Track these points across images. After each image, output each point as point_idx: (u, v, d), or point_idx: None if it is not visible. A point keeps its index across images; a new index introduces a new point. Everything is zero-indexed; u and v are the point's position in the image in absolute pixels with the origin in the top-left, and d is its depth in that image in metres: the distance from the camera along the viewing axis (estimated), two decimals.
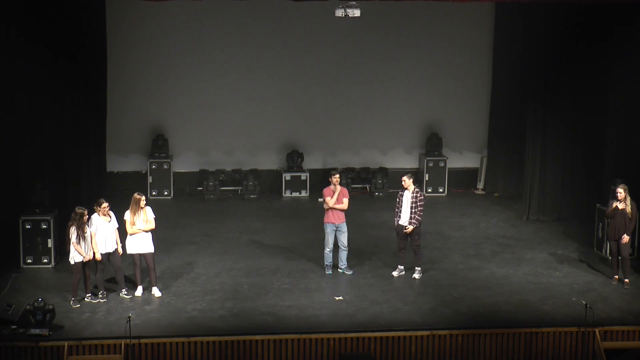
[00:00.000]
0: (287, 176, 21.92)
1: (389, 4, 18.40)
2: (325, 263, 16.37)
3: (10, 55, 16.68)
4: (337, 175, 16.42)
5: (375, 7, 17.87)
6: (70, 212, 14.95)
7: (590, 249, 17.77)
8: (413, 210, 15.97)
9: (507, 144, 21.75)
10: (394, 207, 20.86)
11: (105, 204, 14.91)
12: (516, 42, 20.88)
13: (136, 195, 15.19)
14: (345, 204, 16.35)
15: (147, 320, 14.12)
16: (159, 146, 21.60)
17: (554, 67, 19.42)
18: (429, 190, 22.16)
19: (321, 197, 16.70)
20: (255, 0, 18.67)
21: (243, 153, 22.35)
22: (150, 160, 21.47)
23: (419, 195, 16.04)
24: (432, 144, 22.43)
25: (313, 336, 13.67)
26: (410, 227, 15.96)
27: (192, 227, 19.02)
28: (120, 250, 15.10)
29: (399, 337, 13.77)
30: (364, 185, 22.46)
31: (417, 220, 15.97)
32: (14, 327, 13.68)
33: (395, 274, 16.30)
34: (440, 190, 22.26)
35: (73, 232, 14.58)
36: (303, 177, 21.92)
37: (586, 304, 13.81)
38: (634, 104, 17.90)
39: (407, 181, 16.12)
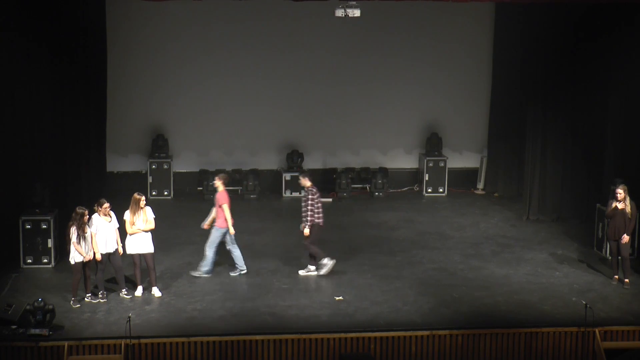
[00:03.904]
0: (287, 176, 21.92)
1: (389, 4, 18.40)
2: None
3: (10, 55, 16.68)
4: (216, 179, 16.32)
5: (375, 7, 17.85)
6: (70, 212, 14.96)
7: (590, 249, 17.77)
8: (303, 210, 16.00)
9: (507, 144, 21.74)
10: (394, 207, 21.03)
11: (106, 204, 14.92)
12: (516, 42, 20.87)
13: (136, 195, 15.20)
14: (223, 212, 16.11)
15: (147, 320, 14.12)
16: (159, 146, 21.60)
17: (554, 67, 19.42)
18: (429, 190, 22.17)
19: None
20: (255, 0, 18.68)
21: (243, 153, 22.35)
22: (150, 160, 21.47)
23: (307, 194, 16.06)
24: (432, 144, 22.42)
25: (313, 336, 13.68)
26: (306, 231, 15.97)
27: (192, 227, 18.98)
28: (120, 251, 15.10)
29: (399, 337, 13.77)
30: (364, 185, 22.45)
31: (307, 220, 15.97)
32: (14, 327, 13.69)
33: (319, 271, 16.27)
34: (440, 190, 22.25)
35: (73, 232, 14.59)
36: None
37: (586, 304, 13.82)
38: (634, 103, 17.90)
39: (301, 180, 16.23)
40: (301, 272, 16.26)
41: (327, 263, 16.18)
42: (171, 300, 15.01)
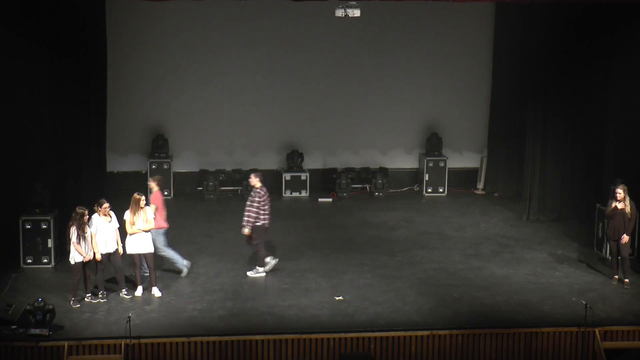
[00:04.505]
0: (287, 176, 21.92)
1: (389, 4, 18.41)
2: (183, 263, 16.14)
3: (10, 55, 16.68)
4: (150, 180, 16.22)
5: (375, 7, 17.87)
6: (70, 212, 14.96)
7: (590, 249, 17.77)
8: (246, 209, 15.99)
9: (507, 144, 21.74)
10: (394, 207, 21.04)
11: (106, 204, 14.92)
12: (516, 41, 20.88)
13: (136, 195, 15.21)
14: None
15: (147, 320, 14.12)
16: (159, 146, 21.60)
17: (554, 67, 19.42)
18: (429, 190, 22.17)
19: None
20: (255, 0, 18.68)
21: (243, 153, 22.35)
22: (150, 160, 21.47)
23: (254, 195, 16.03)
24: (432, 144, 22.43)
25: (313, 336, 13.68)
26: (246, 230, 15.94)
27: (192, 227, 19.02)
28: (120, 251, 15.11)
29: (399, 337, 13.78)
30: (364, 185, 22.46)
31: (246, 220, 15.95)
32: (14, 327, 13.69)
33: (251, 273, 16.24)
34: (440, 190, 22.25)
35: (73, 232, 14.59)
36: (303, 177, 21.93)
37: (586, 304, 13.82)
38: (634, 103, 17.90)
39: (252, 180, 16.22)
40: (249, 273, 16.17)
41: (271, 262, 16.19)
42: (171, 300, 15.02)
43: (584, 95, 19.27)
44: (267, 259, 16.25)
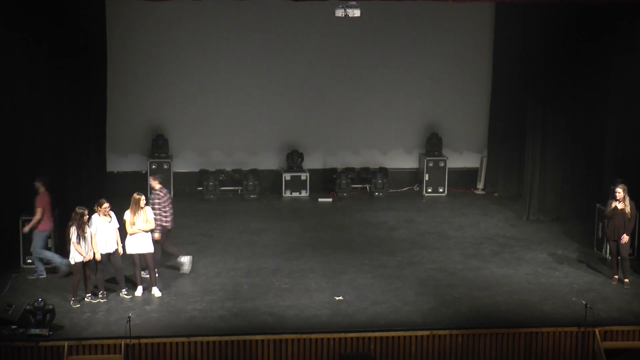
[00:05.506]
0: (287, 176, 21.92)
1: (389, 4, 18.43)
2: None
3: (10, 54, 16.68)
4: (36, 181, 15.97)
5: (375, 7, 17.87)
6: (70, 212, 14.95)
7: (590, 249, 17.77)
8: (155, 213, 15.75)
9: (507, 144, 21.74)
10: (394, 207, 21.03)
11: (106, 204, 14.92)
12: (516, 41, 20.87)
13: (136, 195, 15.20)
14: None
15: (147, 320, 14.12)
16: (159, 146, 21.61)
17: (554, 67, 19.43)
18: (429, 190, 22.16)
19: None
20: (255, 0, 18.68)
21: (243, 153, 22.35)
22: (150, 160, 21.47)
23: (154, 197, 15.85)
24: (432, 144, 22.43)
25: (313, 336, 13.68)
26: (157, 235, 15.64)
27: (192, 227, 19.01)
28: (120, 251, 15.11)
29: (399, 337, 13.78)
30: (364, 185, 22.45)
31: (156, 224, 15.68)
32: (14, 327, 13.69)
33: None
34: (440, 190, 22.25)
35: (73, 232, 14.59)
36: (303, 177, 21.92)
37: (586, 304, 13.81)
38: (634, 103, 17.90)
39: (151, 182, 16.12)
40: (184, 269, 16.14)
41: (185, 261, 16.06)
42: (171, 300, 15.02)
43: (584, 94, 19.27)
44: (182, 259, 16.07)
